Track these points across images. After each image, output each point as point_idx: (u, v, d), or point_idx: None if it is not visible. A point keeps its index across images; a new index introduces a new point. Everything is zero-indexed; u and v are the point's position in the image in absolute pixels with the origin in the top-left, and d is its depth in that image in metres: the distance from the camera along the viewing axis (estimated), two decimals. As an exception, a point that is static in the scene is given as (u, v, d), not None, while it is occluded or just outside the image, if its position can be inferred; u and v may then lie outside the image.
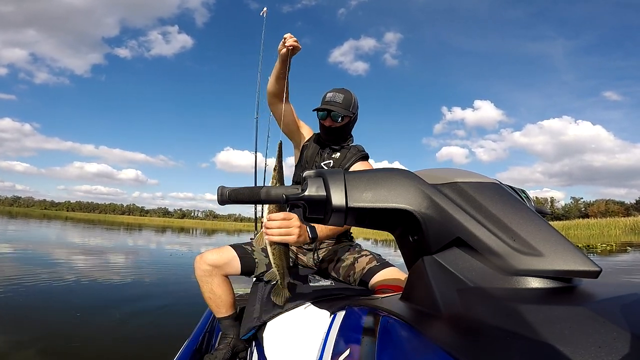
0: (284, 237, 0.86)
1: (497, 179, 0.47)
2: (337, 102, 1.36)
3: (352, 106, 1.39)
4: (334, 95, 1.38)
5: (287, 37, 1.22)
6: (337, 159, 1.42)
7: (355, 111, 1.42)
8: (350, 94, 1.40)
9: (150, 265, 6.18)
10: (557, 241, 0.36)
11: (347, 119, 1.40)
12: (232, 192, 0.58)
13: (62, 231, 14.76)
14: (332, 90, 1.41)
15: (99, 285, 4.02)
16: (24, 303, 2.99)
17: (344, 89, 1.41)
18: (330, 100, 1.37)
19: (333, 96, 1.38)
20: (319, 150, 1.46)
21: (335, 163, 1.40)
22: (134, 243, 11.38)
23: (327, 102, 1.38)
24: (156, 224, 47.31)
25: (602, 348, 0.24)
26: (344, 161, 1.40)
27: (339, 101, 1.36)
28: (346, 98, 1.38)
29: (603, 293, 0.32)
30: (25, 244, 8.11)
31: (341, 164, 1.39)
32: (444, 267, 0.41)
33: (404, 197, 0.43)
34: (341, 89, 1.41)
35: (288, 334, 0.86)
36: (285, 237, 0.86)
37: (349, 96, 1.39)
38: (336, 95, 1.37)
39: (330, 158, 1.43)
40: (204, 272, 1.20)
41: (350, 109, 1.38)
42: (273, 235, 0.85)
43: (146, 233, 19.06)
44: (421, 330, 0.37)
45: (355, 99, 1.42)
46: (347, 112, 1.38)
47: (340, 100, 1.36)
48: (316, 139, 1.50)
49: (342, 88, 1.42)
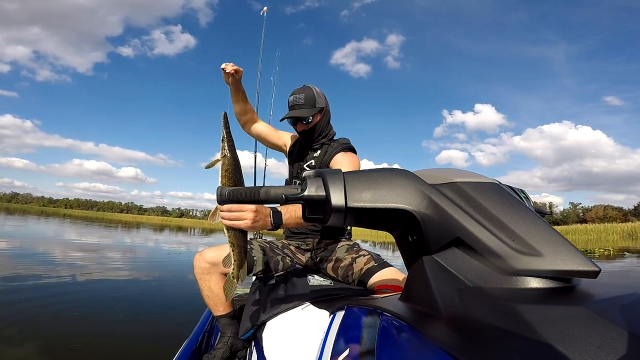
0: (234, 221, 0.81)
1: (497, 179, 0.47)
2: (300, 104, 1.35)
3: (316, 101, 1.36)
4: (295, 97, 1.36)
5: (225, 67, 1.27)
6: (317, 157, 1.40)
7: (322, 105, 1.38)
8: (311, 89, 1.37)
9: (148, 264, 6.16)
10: (556, 241, 0.36)
11: (318, 115, 1.37)
12: (231, 192, 0.58)
13: (60, 228, 14.71)
14: (292, 92, 1.38)
15: (97, 284, 4.00)
16: (21, 302, 2.97)
17: (304, 86, 1.39)
18: (293, 104, 1.36)
19: (295, 99, 1.36)
20: (302, 151, 1.46)
21: (317, 161, 1.39)
22: (131, 241, 11.35)
23: (291, 107, 1.36)
24: (154, 223, 47.22)
25: (602, 348, 0.24)
26: (325, 156, 1.38)
27: (302, 102, 1.34)
28: (308, 96, 1.35)
29: (602, 293, 0.32)
30: (21, 240, 8.08)
31: (322, 161, 1.37)
32: (443, 267, 0.41)
33: (404, 197, 0.43)
34: (301, 87, 1.39)
35: (287, 334, 0.86)
36: (236, 221, 0.81)
37: (310, 92, 1.36)
38: (297, 98, 1.35)
39: (311, 158, 1.42)
40: (203, 270, 1.20)
41: (315, 105, 1.35)
42: (223, 219, 0.82)
43: (144, 231, 19.01)
44: (421, 330, 0.37)
45: (318, 92, 1.38)
46: (313, 110, 1.35)
47: (303, 100, 1.34)
48: (298, 141, 1.50)
49: (302, 86, 1.39)
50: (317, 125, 1.38)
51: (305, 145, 1.45)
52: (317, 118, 1.37)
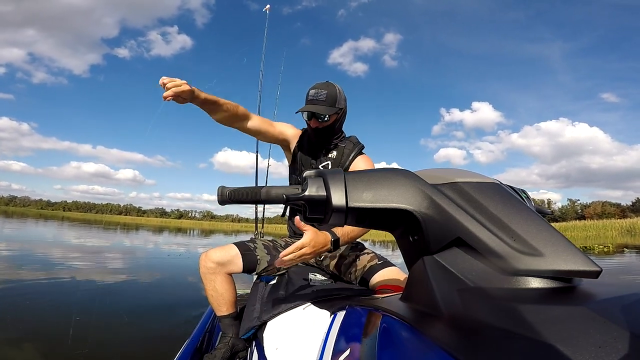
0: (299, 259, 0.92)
1: (497, 179, 0.47)
2: (320, 100, 1.26)
3: (337, 101, 1.29)
4: (316, 92, 1.27)
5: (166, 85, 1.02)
6: (334, 158, 1.35)
7: (342, 105, 1.31)
8: (335, 87, 1.30)
9: (147, 266, 6.15)
10: (557, 241, 0.36)
11: (334, 116, 1.30)
12: (232, 192, 0.58)
13: (58, 231, 14.66)
14: (314, 86, 1.30)
15: (97, 287, 3.99)
16: (19, 304, 2.96)
17: (327, 82, 1.32)
18: (313, 98, 1.27)
19: (316, 93, 1.27)
20: (314, 150, 1.39)
21: (334, 163, 1.34)
22: (131, 243, 11.33)
23: (310, 101, 1.28)
24: (153, 224, 47.12)
25: (603, 348, 0.24)
26: (343, 159, 1.33)
27: (322, 98, 1.26)
28: (330, 93, 1.27)
29: (603, 293, 0.32)
30: (19, 243, 8.05)
31: (340, 163, 1.32)
32: (444, 267, 0.41)
33: (404, 197, 0.43)
34: (324, 83, 1.31)
35: (288, 334, 0.86)
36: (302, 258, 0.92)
37: (333, 90, 1.28)
38: (319, 92, 1.26)
39: (327, 159, 1.36)
40: (208, 270, 1.20)
41: (335, 104, 1.28)
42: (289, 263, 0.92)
43: (143, 233, 18.97)
44: (421, 330, 0.37)
45: (341, 92, 1.31)
46: (333, 109, 1.27)
47: (324, 97, 1.26)
48: (307, 138, 1.41)
49: (325, 82, 1.32)
50: (332, 125, 1.32)
51: (315, 144, 1.37)
52: (334, 118, 1.31)
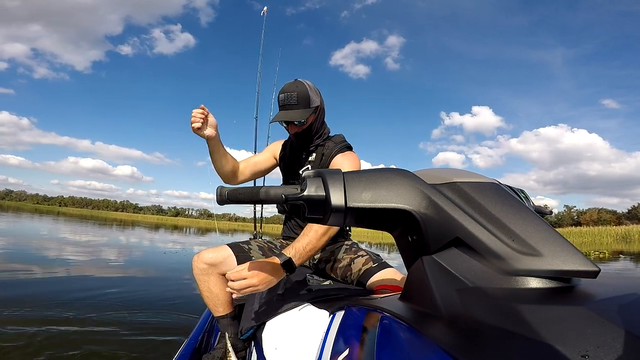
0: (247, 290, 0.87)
1: (496, 179, 0.47)
2: (292, 104, 1.19)
3: (310, 100, 1.20)
4: (286, 96, 1.19)
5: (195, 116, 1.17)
6: (313, 161, 1.29)
7: (317, 103, 1.23)
8: (304, 85, 1.21)
9: (144, 264, 6.12)
10: (556, 241, 0.36)
11: (312, 116, 1.23)
12: (231, 192, 0.57)
13: (54, 226, 14.57)
14: (282, 89, 1.21)
15: (92, 284, 3.96)
16: (17, 302, 2.94)
17: (296, 81, 1.22)
18: (285, 103, 1.20)
19: (286, 97, 1.19)
20: (295, 156, 1.35)
21: (313, 166, 1.28)
22: (126, 240, 11.27)
23: (282, 107, 1.21)
24: (150, 222, 46.91)
25: (602, 348, 0.24)
26: (322, 160, 1.27)
27: (294, 102, 1.19)
28: (301, 94, 1.18)
29: (602, 293, 0.32)
30: (12, 238, 7.99)
31: (320, 165, 1.27)
32: (443, 267, 0.41)
33: (403, 197, 0.43)
34: (292, 83, 1.21)
35: (287, 334, 0.86)
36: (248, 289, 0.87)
37: (304, 90, 1.19)
38: (289, 96, 1.18)
39: (307, 162, 1.31)
40: (201, 271, 1.20)
41: (310, 104, 1.20)
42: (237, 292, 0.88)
43: (140, 230, 18.88)
44: (420, 330, 0.37)
45: (312, 88, 1.23)
46: (308, 110, 1.20)
47: (295, 100, 1.18)
48: (290, 145, 1.37)
49: (294, 81, 1.22)
50: (311, 126, 1.26)
51: (298, 148, 1.34)
52: (312, 119, 1.25)
